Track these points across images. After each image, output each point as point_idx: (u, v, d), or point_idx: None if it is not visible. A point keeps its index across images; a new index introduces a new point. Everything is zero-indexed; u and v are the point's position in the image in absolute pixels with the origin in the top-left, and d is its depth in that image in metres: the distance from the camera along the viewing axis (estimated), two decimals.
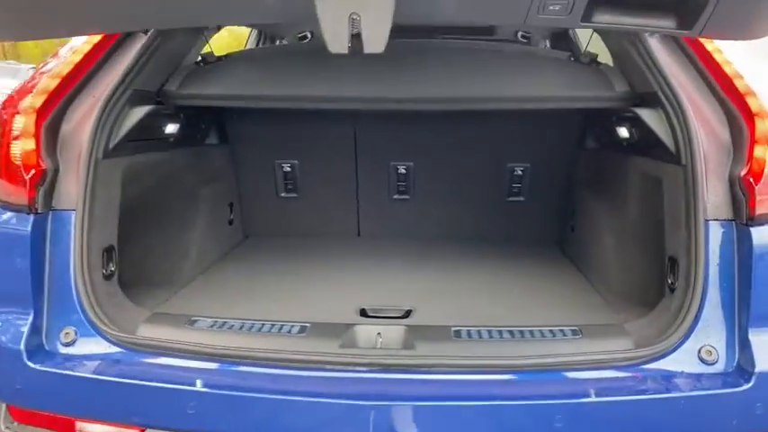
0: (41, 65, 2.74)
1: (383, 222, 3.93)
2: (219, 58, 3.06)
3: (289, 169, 3.82)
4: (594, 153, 3.45)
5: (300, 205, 3.91)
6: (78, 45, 2.69)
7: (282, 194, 3.88)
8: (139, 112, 2.64)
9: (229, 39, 6.98)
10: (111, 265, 2.47)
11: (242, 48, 5.07)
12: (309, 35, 5.14)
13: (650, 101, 2.57)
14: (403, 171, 3.79)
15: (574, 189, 3.63)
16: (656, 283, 2.55)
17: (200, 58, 3.06)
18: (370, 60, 2.84)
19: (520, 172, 3.74)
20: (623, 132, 2.90)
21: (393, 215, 3.91)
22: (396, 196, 3.86)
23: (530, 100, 2.81)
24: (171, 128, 3.02)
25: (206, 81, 2.91)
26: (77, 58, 2.55)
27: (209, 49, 3.08)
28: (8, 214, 2.31)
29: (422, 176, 3.81)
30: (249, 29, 5.32)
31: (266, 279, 3.11)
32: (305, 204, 3.90)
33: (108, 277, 2.44)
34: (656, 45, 2.67)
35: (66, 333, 2.26)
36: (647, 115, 2.54)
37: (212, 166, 3.61)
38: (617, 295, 2.78)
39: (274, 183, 3.85)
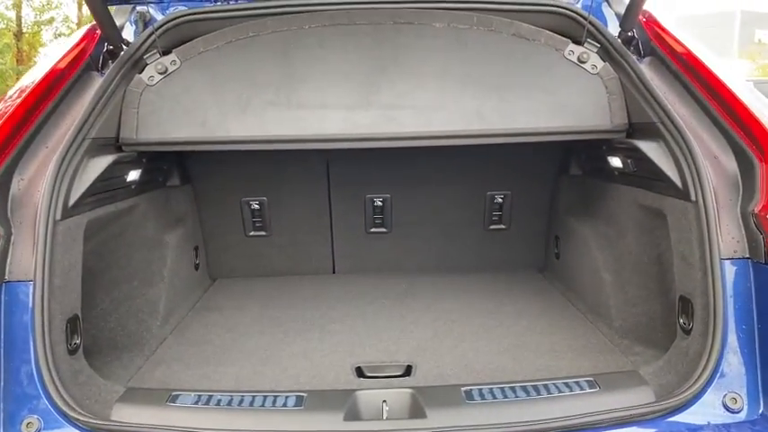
0: None
1: (360, 258, 3.73)
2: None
3: (257, 207, 3.58)
4: (579, 179, 3.35)
5: (270, 244, 3.67)
6: (27, 83, 2.42)
7: (251, 233, 3.64)
8: (101, 163, 2.37)
9: None
10: (75, 337, 2.18)
11: None
12: None
13: (649, 132, 2.47)
14: (379, 203, 3.62)
15: (556, 215, 3.53)
16: (664, 323, 2.44)
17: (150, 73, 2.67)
18: (343, 84, 2.66)
19: (500, 199, 3.62)
20: (615, 162, 2.79)
21: (370, 250, 3.72)
22: (372, 230, 3.67)
23: (519, 134, 2.65)
24: (133, 174, 2.75)
25: (165, 118, 2.62)
26: (27, 100, 2.28)
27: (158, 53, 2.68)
28: None
29: (399, 208, 3.64)
30: None
31: (244, 333, 2.86)
32: (275, 242, 3.67)
33: (73, 351, 2.15)
34: (649, 73, 2.59)
35: (29, 423, 1.95)
36: (648, 148, 2.43)
37: (176, 209, 3.34)
38: (621, 334, 2.66)
39: (242, 221, 3.60)
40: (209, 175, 3.51)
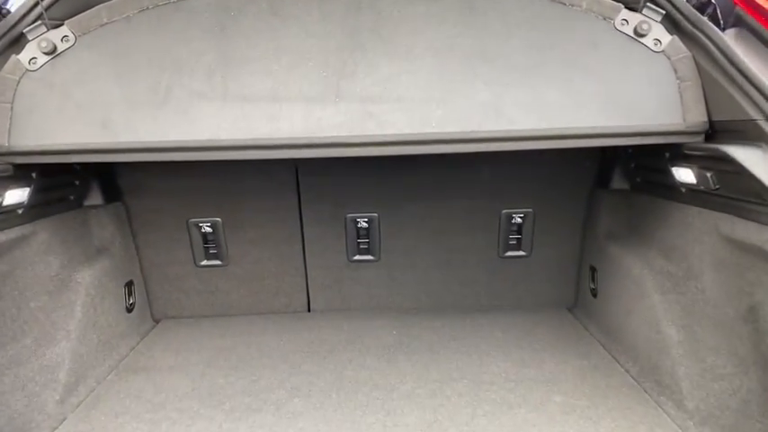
0: None
1: (340, 293, 2.96)
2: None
3: (209, 229, 2.81)
4: (625, 195, 2.57)
5: (227, 275, 2.91)
6: None
7: (203, 263, 2.87)
8: None
9: None
10: None
11: None
12: None
13: (745, 134, 1.70)
14: (364, 225, 2.84)
15: (593, 240, 2.74)
16: (763, 407, 1.67)
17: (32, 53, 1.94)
18: (303, 67, 1.90)
19: (519, 219, 2.84)
20: (685, 175, 2.01)
21: (354, 282, 2.95)
22: (356, 257, 2.90)
23: (552, 137, 1.89)
24: (15, 195, 1.98)
25: (52, 117, 1.88)
26: None
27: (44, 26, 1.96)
28: None
29: (390, 230, 2.87)
30: None
31: (171, 413, 2.09)
32: (233, 274, 2.91)
33: None
34: (740, 48, 1.80)
35: None
36: (744, 156, 1.65)
37: (98, 235, 2.57)
38: (699, 420, 1.88)
39: (190, 248, 2.83)
40: (147, 189, 2.75)
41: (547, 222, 2.84)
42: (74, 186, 2.42)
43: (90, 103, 1.90)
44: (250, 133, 1.88)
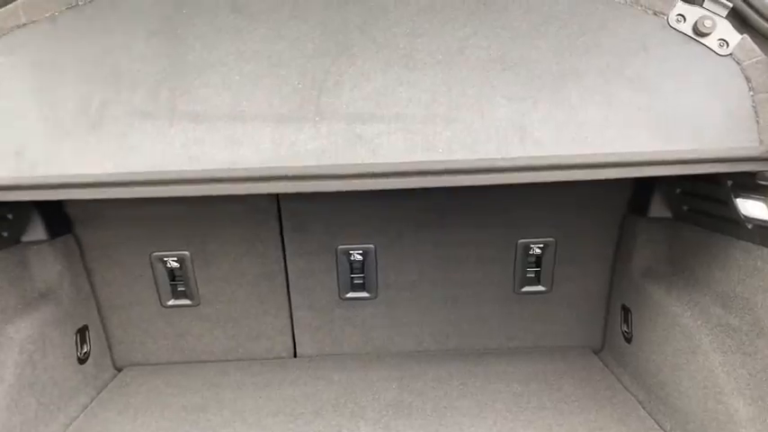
0: None
1: (332, 335, 2.56)
2: None
3: (175, 264, 2.41)
4: (667, 225, 2.17)
5: (199, 317, 2.51)
6: None
7: (170, 303, 2.48)
8: None
9: None
10: None
11: None
12: None
13: None
14: (358, 257, 2.44)
15: (627, 276, 2.34)
16: None
17: None
18: (273, 78, 1.52)
19: (538, 250, 2.44)
20: (752, 208, 1.61)
21: (347, 323, 2.55)
22: (349, 294, 2.50)
23: (595, 166, 1.50)
24: None
25: None
26: None
27: None
28: None
29: (388, 264, 2.47)
30: None
31: None
32: (205, 315, 2.51)
33: None
34: None
35: None
36: None
37: (38, 277, 2.17)
38: None
39: (155, 286, 2.44)
40: (102, 219, 2.35)
41: (570, 253, 2.44)
42: (6, 220, 2.02)
43: (2, 125, 1.49)
44: (205, 163, 1.47)
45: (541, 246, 2.44)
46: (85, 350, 2.32)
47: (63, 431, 2.06)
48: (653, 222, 2.21)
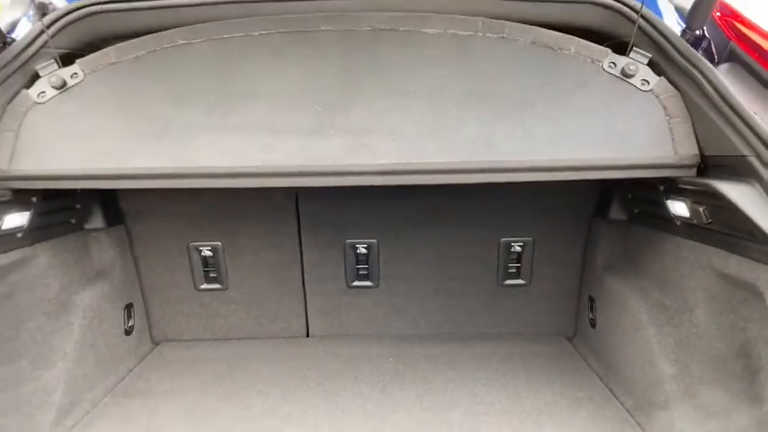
0: None
1: (340, 318, 2.96)
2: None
3: (209, 253, 2.83)
4: (622, 226, 2.56)
5: (227, 299, 2.92)
6: None
7: (203, 286, 2.89)
8: None
9: None
10: None
11: None
12: None
13: (736, 169, 1.69)
14: (363, 251, 2.85)
15: (592, 270, 2.72)
16: None
17: (41, 88, 2.04)
18: (298, 103, 1.95)
19: (519, 248, 2.83)
20: (679, 208, 2.00)
21: (352, 308, 2.95)
22: (355, 283, 2.91)
23: (543, 169, 1.91)
24: (14, 219, 2.03)
25: (56, 145, 1.94)
26: None
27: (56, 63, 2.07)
28: None
29: (388, 257, 2.87)
30: None
31: None
32: (233, 298, 2.92)
33: None
34: (730, 85, 1.81)
35: None
36: (734, 192, 1.65)
37: (98, 259, 2.60)
38: None
39: (191, 272, 2.86)
40: (148, 213, 2.78)
41: (547, 251, 2.83)
42: (75, 210, 2.46)
43: (92, 132, 1.95)
44: (247, 162, 1.91)
45: (521, 244, 2.83)
46: (131, 324, 2.75)
47: (114, 386, 2.48)
48: (612, 224, 2.60)
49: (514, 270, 2.88)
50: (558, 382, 2.45)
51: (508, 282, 2.89)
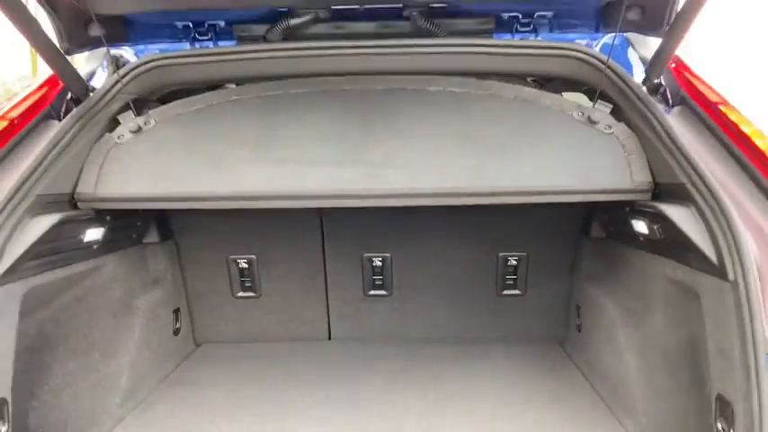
0: None
1: (358, 323, 3.37)
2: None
3: (245, 265, 3.27)
4: (602, 243, 2.95)
5: (260, 306, 3.35)
6: None
7: (239, 294, 3.33)
8: (44, 223, 2.11)
9: None
10: (1, 425, 1.89)
11: None
12: None
13: (677, 194, 2.09)
14: (378, 263, 3.27)
15: (578, 281, 3.11)
16: (699, 425, 2.01)
17: (121, 132, 2.51)
18: (326, 142, 2.42)
19: (514, 261, 3.23)
20: (640, 227, 2.40)
21: (369, 314, 3.36)
22: (371, 292, 3.32)
23: (527, 193, 2.32)
24: (93, 234, 2.48)
25: (131, 174, 2.39)
26: None
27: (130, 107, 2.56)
28: None
29: (401, 269, 3.29)
30: None
31: (213, 416, 2.52)
32: (265, 305, 3.35)
33: None
34: (679, 125, 2.22)
35: None
36: (675, 213, 2.04)
37: (153, 268, 3.06)
38: (646, 429, 2.24)
39: (229, 281, 3.30)
40: (194, 230, 3.23)
41: (539, 265, 3.23)
42: (136, 227, 2.92)
43: (160, 165, 2.41)
44: (283, 187, 2.35)
45: (517, 258, 3.23)
46: (178, 326, 3.19)
47: (166, 377, 2.92)
48: (594, 240, 2.99)
49: (511, 282, 3.27)
50: (544, 377, 2.83)
51: (506, 292, 3.28)
